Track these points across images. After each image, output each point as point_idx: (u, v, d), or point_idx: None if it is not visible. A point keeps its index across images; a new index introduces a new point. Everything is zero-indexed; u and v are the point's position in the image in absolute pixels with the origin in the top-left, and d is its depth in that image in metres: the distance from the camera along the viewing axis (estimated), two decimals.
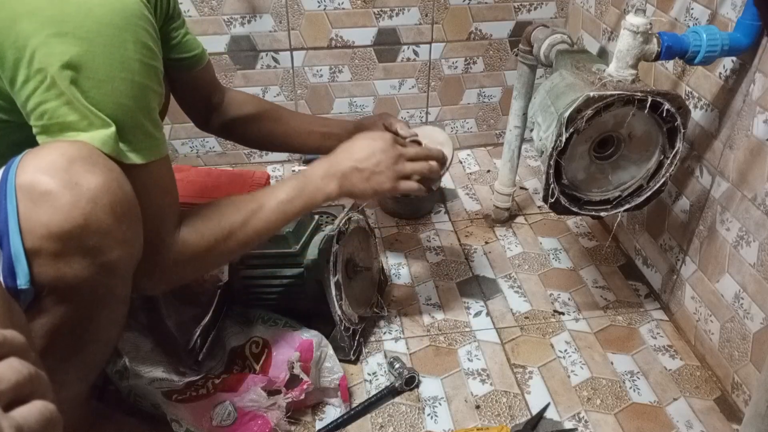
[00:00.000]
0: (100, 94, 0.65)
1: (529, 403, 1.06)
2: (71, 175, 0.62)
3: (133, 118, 0.68)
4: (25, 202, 0.61)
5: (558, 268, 1.37)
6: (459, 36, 1.59)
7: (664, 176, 0.99)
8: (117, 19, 0.66)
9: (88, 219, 0.62)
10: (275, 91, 1.60)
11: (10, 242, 0.61)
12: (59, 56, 0.63)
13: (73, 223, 0.62)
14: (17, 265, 0.62)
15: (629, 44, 0.90)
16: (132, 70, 0.67)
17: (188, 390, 0.95)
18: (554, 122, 0.91)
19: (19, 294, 0.63)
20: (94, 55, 0.65)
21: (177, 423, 0.89)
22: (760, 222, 0.96)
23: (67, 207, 0.61)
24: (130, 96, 0.67)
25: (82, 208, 0.62)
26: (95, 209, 0.63)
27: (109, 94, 0.66)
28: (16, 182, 0.62)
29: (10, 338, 0.36)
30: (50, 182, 0.61)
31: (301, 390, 0.96)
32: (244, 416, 0.93)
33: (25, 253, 0.62)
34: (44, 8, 0.63)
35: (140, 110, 0.69)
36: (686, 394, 1.08)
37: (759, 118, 0.94)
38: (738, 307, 1.02)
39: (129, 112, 0.68)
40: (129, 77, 0.67)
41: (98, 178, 0.63)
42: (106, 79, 0.65)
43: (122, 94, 0.67)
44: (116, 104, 0.66)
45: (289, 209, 0.86)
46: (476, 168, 1.72)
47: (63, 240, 0.62)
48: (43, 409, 0.35)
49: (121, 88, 0.67)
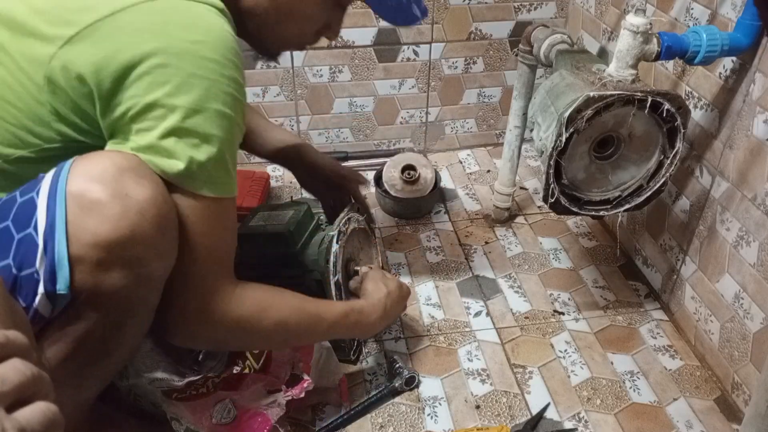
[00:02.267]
0: (192, 123, 0.66)
1: (529, 403, 1.06)
2: (121, 185, 0.63)
3: (219, 150, 0.69)
4: (74, 209, 0.62)
5: (558, 268, 1.37)
6: (459, 36, 1.59)
7: (664, 176, 1.00)
8: (217, 55, 0.67)
9: (135, 230, 0.63)
10: (275, 91, 1.60)
11: (56, 247, 0.62)
12: (157, 84, 0.64)
13: (121, 233, 0.62)
14: (59, 270, 0.62)
15: (629, 44, 0.90)
16: (225, 102, 0.68)
17: (188, 389, 0.95)
18: (554, 122, 0.91)
19: (56, 298, 0.64)
20: (192, 86, 0.65)
21: (177, 421, 0.89)
22: (760, 222, 0.96)
23: (116, 217, 0.62)
24: (219, 127, 0.68)
25: (130, 219, 0.63)
26: (142, 221, 0.63)
27: (200, 124, 0.67)
28: (66, 189, 0.62)
29: (13, 339, 0.36)
30: (101, 191, 0.62)
31: (301, 388, 0.96)
32: (244, 414, 0.93)
33: (69, 260, 0.62)
34: (149, 40, 0.64)
35: (226, 143, 0.69)
36: (686, 394, 1.08)
37: (759, 118, 0.95)
38: (738, 307, 1.02)
39: (216, 143, 0.68)
40: (221, 109, 0.68)
41: (147, 190, 0.64)
42: (200, 109, 0.66)
43: (213, 124, 0.67)
44: (206, 134, 0.67)
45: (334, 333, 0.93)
46: (476, 168, 1.72)
47: (108, 249, 0.62)
48: (46, 410, 0.35)
49: (213, 118, 0.67)
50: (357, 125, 1.69)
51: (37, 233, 0.62)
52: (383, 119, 1.70)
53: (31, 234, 0.62)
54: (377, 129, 1.71)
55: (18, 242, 0.63)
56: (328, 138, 1.71)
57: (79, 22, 0.64)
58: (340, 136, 1.71)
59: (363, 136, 1.72)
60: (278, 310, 0.81)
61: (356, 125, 1.69)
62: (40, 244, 0.62)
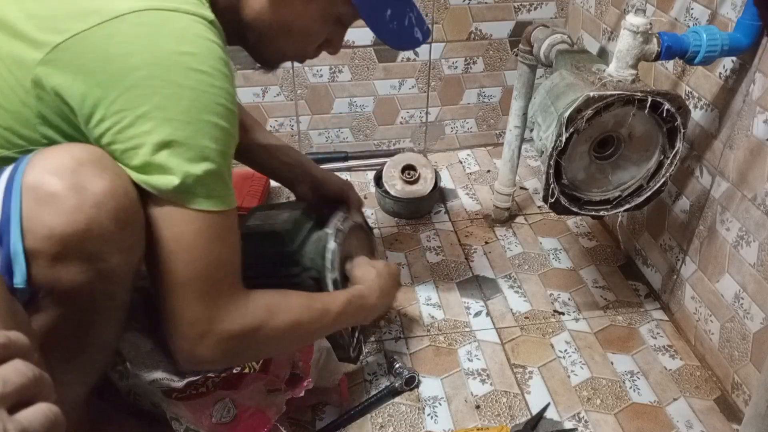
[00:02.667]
0: (184, 135, 0.65)
1: (529, 403, 1.06)
2: (78, 177, 0.62)
3: (215, 162, 0.67)
4: (30, 202, 0.61)
5: (558, 268, 1.37)
6: (459, 36, 1.59)
7: (664, 176, 1.00)
8: (206, 66, 0.66)
9: (91, 224, 0.62)
10: (275, 91, 1.60)
11: (11, 240, 0.61)
12: (145, 97, 0.63)
13: (76, 227, 0.61)
14: (15, 264, 0.61)
15: (629, 44, 0.90)
16: (217, 113, 0.67)
17: (188, 389, 0.95)
18: (554, 122, 0.91)
19: (15, 292, 0.63)
20: (181, 98, 0.64)
21: (177, 421, 0.89)
22: (760, 222, 0.96)
23: (71, 210, 0.61)
24: (212, 138, 0.67)
25: (86, 212, 0.61)
26: (99, 214, 0.62)
27: (193, 136, 0.65)
28: (22, 181, 0.61)
29: (14, 340, 0.36)
30: (56, 183, 0.61)
31: (301, 388, 0.96)
32: (244, 412, 0.92)
33: (25, 253, 0.61)
34: (136, 52, 0.63)
35: (221, 155, 0.68)
36: (686, 394, 1.08)
37: (759, 118, 0.95)
38: (738, 307, 1.02)
39: (212, 155, 0.67)
40: (214, 120, 0.67)
41: (105, 182, 0.63)
42: (191, 120, 0.65)
43: (206, 135, 0.66)
44: (200, 146, 0.66)
45: (341, 323, 0.92)
46: (476, 168, 1.72)
47: (63, 243, 0.61)
48: (47, 411, 0.35)
49: (205, 129, 0.66)
50: (357, 125, 1.69)
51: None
52: (383, 119, 1.70)
53: None
54: (377, 129, 1.71)
55: None
56: (328, 138, 1.71)
57: (67, 30, 0.64)
58: (340, 136, 1.71)
59: (363, 136, 1.72)
60: (287, 311, 0.80)
61: (356, 125, 1.69)
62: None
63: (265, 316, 0.77)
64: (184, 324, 0.71)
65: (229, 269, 0.73)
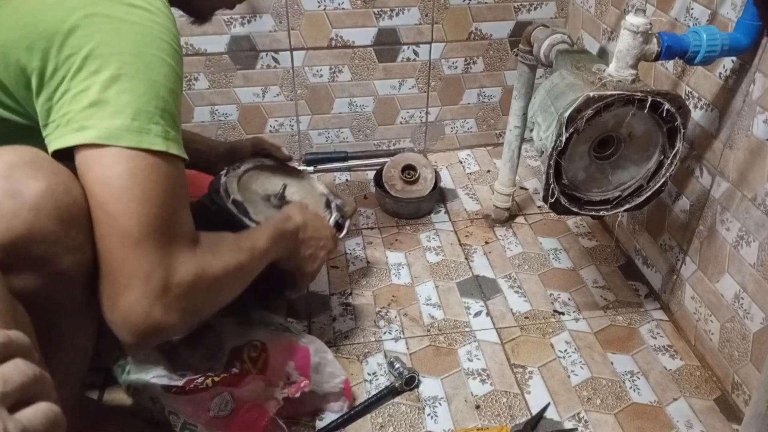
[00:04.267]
0: (132, 69, 0.63)
1: (529, 403, 1.06)
2: (11, 182, 0.59)
3: (164, 99, 0.65)
4: None
5: (558, 268, 1.37)
6: (459, 36, 1.59)
7: (664, 176, 1.00)
8: (146, 3, 0.65)
9: (32, 228, 0.59)
10: (275, 91, 1.60)
11: None
12: (88, 39, 0.61)
13: (16, 233, 0.58)
14: None
15: (629, 44, 0.90)
16: (163, 49, 0.65)
17: (187, 385, 0.96)
18: (554, 122, 0.91)
19: None
20: (125, 32, 0.63)
21: (175, 416, 0.90)
22: (760, 222, 0.96)
23: (8, 217, 0.58)
24: (161, 74, 0.65)
25: (23, 217, 0.58)
26: (39, 216, 0.59)
27: (140, 70, 0.64)
28: None
29: (15, 339, 0.36)
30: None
31: (297, 387, 0.96)
32: (242, 406, 0.93)
33: None
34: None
35: (171, 93, 0.66)
36: (686, 394, 1.08)
37: (759, 118, 0.95)
38: (738, 307, 1.02)
39: (160, 91, 0.65)
40: (160, 55, 0.65)
41: (41, 183, 0.60)
42: (137, 54, 0.63)
43: (154, 70, 0.64)
44: (148, 80, 0.64)
45: (276, 247, 0.89)
46: (476, 168, 1.72)
47: (6, 251, 0.58)
48: (48, 410, 0.35)
49: (153, 64, 0.64)
50: (357, 125, 1.69)
51: None
52: (383, 119, 1.70)
53: None
54: (377, 129, 1.71)
55: None
56: (328, 138, 1.71)
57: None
58: (340, 136, 1.71)
59: (363, 136, 1.72)
60: (221, 243, 0.76)
61: (356, 125, 1.69)
62: None
63: (213, 262, 0.72)
64: (137, 283, 0.64)
65: (185, 214, 0.69)
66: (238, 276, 0.79)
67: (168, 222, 0.66)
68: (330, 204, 1.13)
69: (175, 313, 0.67)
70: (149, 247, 0.64)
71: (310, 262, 0.99)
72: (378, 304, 1.27)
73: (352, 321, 1.23)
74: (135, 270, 0.63)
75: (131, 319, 0.64)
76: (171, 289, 0.65)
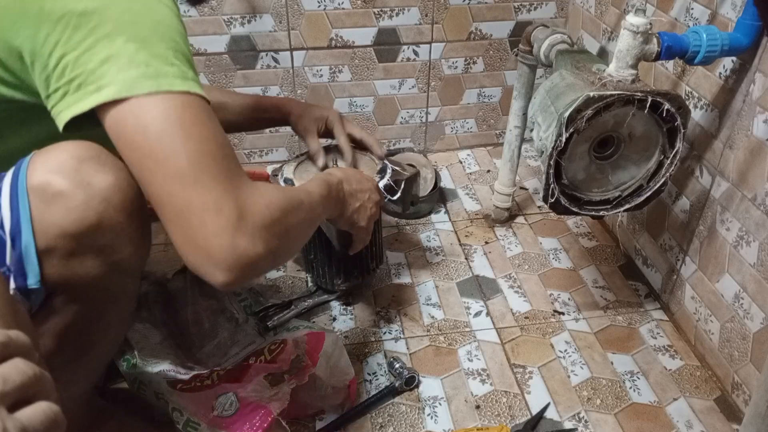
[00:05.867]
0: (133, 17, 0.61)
1: (529, 403, 1.06)
2: (82, 175, 0.63)
3: (173, 39, 0.63)
4: (38, 203, 0.62)
5: (558, 268, 1.37)
6: (459, 36, 1.59)
7: (664, 176, 1.00)
8: None
9: (102, 218, 0.63)
10: (275, 91, 1.60)
11: (22, 242, 0.62)
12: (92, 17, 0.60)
13: (87, 222, 0.62)
14: (28, 265, 0.62)
15: (629, 44, 0.90)
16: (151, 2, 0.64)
17: (193, 381, 0.96)
18: (554, 122, 0.91)
19: (30, 294, 0.64)
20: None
21: (178, 412, 0.90)
22: (760, 222, 0.96)
23: (80, 207, 0.62)
24: (163, 15, 0.63)
25: (95, 207, 0.63)
26: (108, 208, 0.63)
27: (143, 14, 0.62)
28: (27, 183, 0.62)
29: (15, 338, 0.36)
30: (62, 183, 0.62)
31: (305, 374, 0.95)
32: (246, 406, 0.93)
33: (37, 253, 0.62)
34: None
35: (176, 33, 0.64)
36: (686, 394, 1.08)
37: (759, 118, 0.95)
38: (738, 307, 1.02)
39: (175, 37, 0.63)
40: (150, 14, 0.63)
41: (109, 177, 0.64)
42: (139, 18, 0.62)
43: (157, 13, 0.63)
44: (154, 21, 0.62)
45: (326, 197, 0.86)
46: (476, 168, 1.72)
47: (77, 239, 0.63)
48: (48, 410, 0.35)
49: (153, 5, 0.63)
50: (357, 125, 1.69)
51: (3, 231, 0.62)
52: (383, 119, 1.70)
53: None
54: (377, 129, 1.71)
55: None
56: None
57: None
58: None
59: (363, 127, 1.71)
60: (285, 191, 0.74)
61: None
62: (8, 241, 0.62)
63: (277, 194, 0.69)
64: (212, 214, 0.61)
65: (230, 150, 0.66)
66: (303, 209, 0.75)
67: (217, 155, 0.63)
68: (385, 170, 1.14)
69: (260, 241, 0.63)
70: (209, 180, 0.61)
71: (362, 214, 0.97)
72: (378, 304, 1.27)
73: (352, 321, 1.23)
74: (204, 205, 0.61)
75: (217, 254, 0.61)
76: (246, 217, 0.62)
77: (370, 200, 0.98)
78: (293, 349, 0.98)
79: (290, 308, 1.21)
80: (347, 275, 1.20)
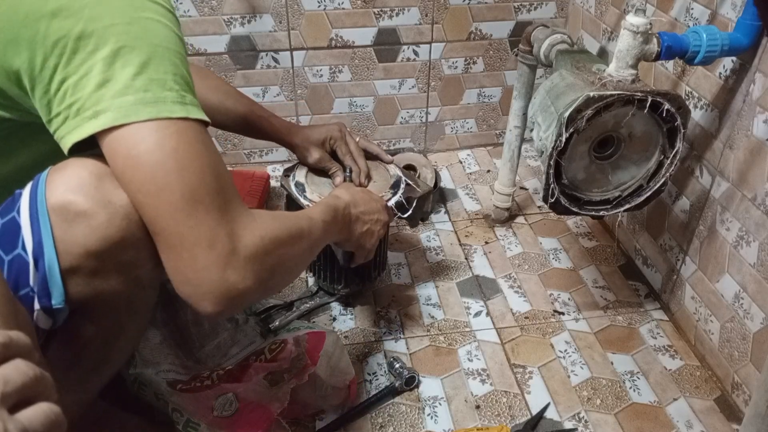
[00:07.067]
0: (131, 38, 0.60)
1: (529, 403, 1.06)
2: (103, 192, 0.62)
3: (173, 62, 0.62)
4: (60, 223, 0.61)
5: (558, 268, 1.37)
6: (459, 36, 1.59)
7: (664, 176, 1.00)
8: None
9: (124, 235, 0.62)
10: (275, 91, 1.60)
11: (45, 263, 0.61)
12: (74, 19, 0.58)
13: (111, 240, 0.62)
14: (52, 285, 0.62)
15: (629, 44, 0.90)
16: (154, 10, 0.62)
17: (193, 381, 0.96)
18: (554, 122, 0.91)
19: (54, 314, 0.64)
20: (110, 1, 0.60)
21: (178, 413, 0.90)
22: (760, 222, 0.96)
23: (103, 225, 0.61)
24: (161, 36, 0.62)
25: (117, 225, 0.62)
26: (130, 225, 0.62)
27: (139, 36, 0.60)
28: (47, 203, 0.61)
29: (16, 339, 0.36)
30: (84, 202, 0.61)
31: (305, 374, 0.95)
32: (246, 407, 0.93)
33: (60, 273, 0.62)
34: None
35: (177, 55, 0.63)
36: (686, 394, 1.08)
37: (759, 118, 0.95)
38: (738, 307, 1.02)
39: (166, 54, 0.62)
40: (154, 17, 0.62)
41: None
42: (131, 21, 0.60)
43: (152, 33, 0.61)
44: (151, 46, 0.61)
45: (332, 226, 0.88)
46: (476, 168, 1.73)
47: (100, 257, 0.62)
48: (48, 411, 0.35)
49: (150, 27, 0.61)
50: (357, 125, 1.69)
51: (26, 252, 0.61)
52: (383, 119, 1.70)
53: (20, 254, 0.62)
54: (377, 129, 1.71)
55: (9, 264, 0.62)
56: None
57: None
58: None
59: (363, 136, 1.72)
60: (284, 219, 0.74)
61: (356, 125, 1.69)
62: (31, 263, 0.61)
63: (274, 224, 0.69)
64: (203, 249, 0.61)
65: (227, 178, 0.65)
66: (303, 239, 0.76)
67: (212, 187, 0.63)
68: (399, 185, 1.13)
69: (250, 274, 0.64)
70: (202, 214, 0.61)
71: (369, 238, 0.97)
72: (378, 304, 1.27)
73: (353, 321, 1.23)
74: (196, 240, 0.61)
75: (207, 287, 0.62)
76: (239, 250, 0.63)
77: (377, 223, 0.98)
78: (294, 348, 0.98)
79: (291, 309, 1.21)
80: (348, 281, 1.20)
